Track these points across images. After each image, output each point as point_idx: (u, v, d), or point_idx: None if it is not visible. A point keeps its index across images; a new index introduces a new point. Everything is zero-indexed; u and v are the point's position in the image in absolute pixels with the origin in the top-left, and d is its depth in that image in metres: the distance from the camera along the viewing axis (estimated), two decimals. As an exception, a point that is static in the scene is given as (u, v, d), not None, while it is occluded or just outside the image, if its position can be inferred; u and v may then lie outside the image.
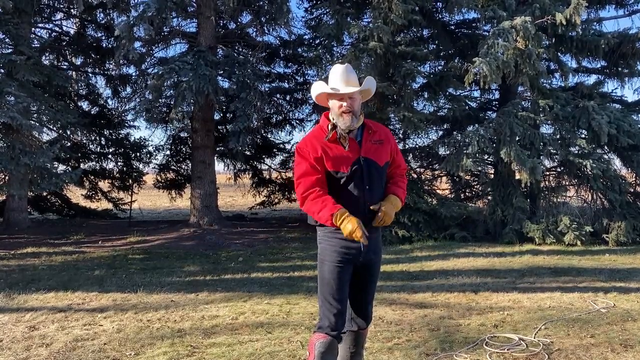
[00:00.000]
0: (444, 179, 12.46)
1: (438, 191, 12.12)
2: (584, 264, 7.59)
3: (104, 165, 14.82)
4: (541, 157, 9.79)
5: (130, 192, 14.57)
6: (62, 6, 13.04)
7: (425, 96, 11.17)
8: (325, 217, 2.66)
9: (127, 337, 4.24)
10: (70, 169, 12.74)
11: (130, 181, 14.73)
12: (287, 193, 15.39)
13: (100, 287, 6.12)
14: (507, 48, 8.89)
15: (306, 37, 13.39)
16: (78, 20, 13.18)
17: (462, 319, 4.74)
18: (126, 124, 14.51)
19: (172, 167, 15.41)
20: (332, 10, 10.71)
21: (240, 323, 4.64)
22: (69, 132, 12.53)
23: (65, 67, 13.50)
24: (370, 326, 3.16)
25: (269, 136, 14.96)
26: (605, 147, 10.08)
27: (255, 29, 13.01)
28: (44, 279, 6.62)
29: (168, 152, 15.17)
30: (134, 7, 11.43)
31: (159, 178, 15.39)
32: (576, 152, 9.82)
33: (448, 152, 10.38)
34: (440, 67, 12.07)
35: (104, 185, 15.29)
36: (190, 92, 9.89)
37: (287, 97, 14.26)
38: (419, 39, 11.38)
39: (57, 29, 13.48)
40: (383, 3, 9.50)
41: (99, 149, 14.57)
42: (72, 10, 12.44)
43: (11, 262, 7.90)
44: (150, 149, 14.84)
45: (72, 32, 13.55)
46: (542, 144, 9.75)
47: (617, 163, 10.36)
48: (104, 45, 13.33)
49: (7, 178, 11.14)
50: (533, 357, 3.78)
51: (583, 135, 9.95)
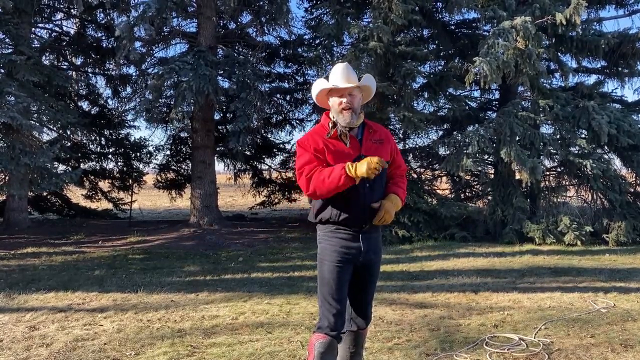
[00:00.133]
0: (444, 179, 12.47)
1: (438, 191, 12.13)
2: (584, 264, 7.59)
3: (104, 165, 14.84)
4: (541, 157, 9.80)
5: (130, 192, 14.58)
6: (62, 6, 13.04)
7: (426, 96, 11.18)
8: (338, 174, 2.59)
9: (127, 337, 4.24)
10: (70, 169, 12.74)
11: (131, 181, 14.75)
12: (287, 193, 15.40)
13: (101, 287, 6.12)
14: (507, 48, 8.89)
15: (306, 37, 13.42)
16: (78, 20, 13.18)
17: (462, 319, 4.74)
18: (126, 124, 14.52)
19: (172, 167, 15.43)
20: (332, 10, 10.71)
21: (241, 323, 4.64)
22: (69, 132, 12.53)
23: (65, 67, 13.51)
24: (370, 326, 3.16)
25: (269, 136, 14.99)
26: (606, 147, 10.09)
27: (255, 29, 13.03)
28: (44, 279, 6.62)
29: (168, 152, 15.20)
30: (134, 7, 11.44)
31: (159, 178, 15.42)
32: (576, 152, 9.83)
33: (448, 152, 10.39)
34: (440, 67, 12.08)
35: (104, 185, 15.30)
36: (191, 92, 9.89)
37: (287, 97, 14.27)
38: (419, 39, 11.39)
39: (57, 29, 13.50)
40: (383, 3, 9.51)
41: (99, 149, 14.58)
42: (72, 11, 12.44)
43: (11, 262, 7.91)
44: (151, 149, 14.89)
45: (72, 32, 13.56)
46: (542, 144, 9.76)
47: (617, 163, 10.37)
48: (104, 45, 13.34)
49: (7, 178, 11.14)
50: (533, 357, 3.78)
51: (583, 135, 9.95)
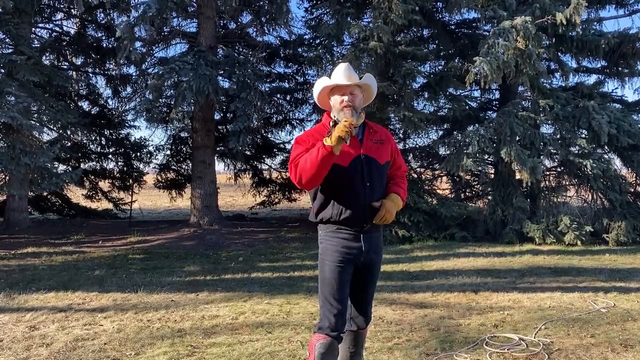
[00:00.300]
0: (444, 178, 12.47)
1: (438, 191, 12.13)
2: (584, 263, 7.59)
3: (105, 165, 14.83)
4: (541, 157, 9.80)
5: (130, 192, 14.58)
6: (62, 6, 13.04)
7: (426, 96, 11.18)
8: (316, 148, 2.58)
9: (127, 337, 4.24)
10: (70, 169, 12.74)
11: (131, 181, 14.74)
12: (287, 193, 15.40)
13: (101, 287, 6.12)
14: (508, 48, 8.89)
15: (306, 37, 13.42)
16: (78, 20, 13.18)
17: (462, 318, 4.75)
18: (126, 124, 14.52)
19: (173, 167, 15.43)
20: (332, 10, 10.71)
21: (241, 323, 4.64)
22: (69, 132, 12.53)
23: (65, 67, 13.51)
24: (370, 326, 3.16)
25: (269, 136, 14.98)
26: (606, 147, 10.09)
27: (255, 29, 13.03)
28: (44, 278, 6.62)
29: (168, 152, 15.20)
30: (134, 8, 11.44)
31: (159, 178, 15.42)
32: (576, 152, 9.83)
33: (448, 152, 10.39)
34: (440, 67, 12.09)
35: (104, 185, 15.30)
36: (191, 92, 9.89)
37: (287, 97, 14.27)
38: (419, 39, 11.39)
39: (57, 29, 13.50)
40: (383, 3, 9.51)
41: (99, 149, 14.58)
42: (73, 11, 12.44)
43: (11, 262, 7.91)
44: (151, 148, 14.88)
45: (73, 32, 13.56)
46: (542, 143, 9.76)
47: (617, 163, 10.38)
48: (104, 45, 13.34)
49: (7, 178, 11.14)
50: (533, 357, 3.78)
51: (583, 135, 9.95)
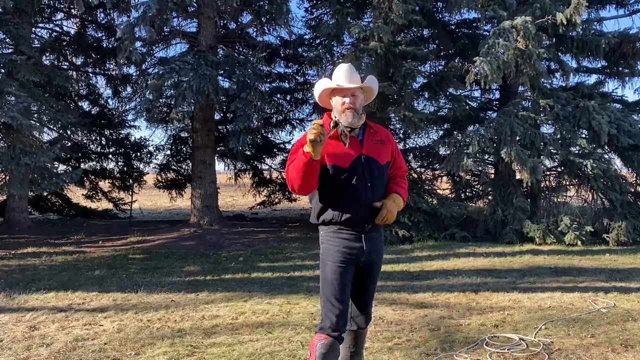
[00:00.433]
0: (445, 178, 12.46)
1: (438, 191, 12.14)
2: (584, 263, 7.59)
3: (105, 165, 14.83)
4: (542, 157, 9.79)
5: (130, 192, 14.57)
6: (62, 6, 13.03)
7: (426, 96, 11.19)
8: (299, 156, 2.59)
9: (127, 337, 4.24)
10: (70, 169, 12.73)
11: (131, 181, 14.74)
12: (287, 193, 15.39)
13: (101, 287, 6.12)
14: (508, 48, 8.89)
15: (306, 37, 13.43)
16: (78, 20, 13.17)
17: (463, 318, 4.74)
18: (127, 124, 14.52)
19: (173, 167, 15.44)
20: (332, 10, 10.71)
21: (241, 323, 4.64)
22: (69, 132, 12.53)
23: (65, 67, 13.49)
24: (370, 326, 3.16)
25: (270, 136, 14.98)
26: (606, 147, 10.08)
27: (255, 29, 13.02)
28: (44, 278, 6.62)
29: (168, 152, 15.21)
30: (135, 8, 11.43)
31: (159, 178, 15.43)
32: (577, 152, 9.82)
33: (448, 152, 10.39)
34: (440, 67, 12.10)
35: (104, 185, 15.30)
36: (191, 92, 9.89)
37: (288, 97, 14.27)
38: (420, 39, 11.39)
39: (57, 29, 13.49)
40: (383, 3, 9.50)
41: (99, 149, 14.58)
42: (73, 11, 12.43)
43: (12, 262, 7.91)
44: (151, 148, 14.89)
45: (73, 32, 13.55)
46: (542, 143, 9.75)
47: (617, 163, 10.37)
48: (105, 45, 13.33)
49: (7, 178, 11.13)
50: (533, 357, 3.78)
51: (583, 135, 9.95)
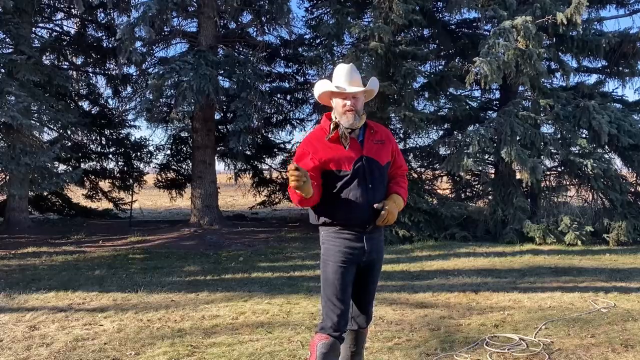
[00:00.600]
0: (445, 178, 12.46)
1: (439, 191, 12.14)
2: (584, 263, 7.59)
3: (105, 165, 14.83)
4: (542, 156, 9.79)
5: (130, 192, 14.57)
6: (62, 6, 13.04)
7: (426, 96, 11.19)
8: (292, 193, 2.64)
9: (127, 337, 4.24)
10: (70, 169, 12.73)
11: (131, 181, 14.75)
12: (287, 193, 15.37)
13: (101, 287, 6.12)
14: (508, 48, 8.88)
15: (307, 36, 13.43)
16: (78, 20, 13.17)
17: (463, 318, 4.74)
18: (127, 124, 14.52)
19: (173, 167, 15.44)
20: (332, 10, 10.71)
21: (241, 323, 4.64)
22: (69, 132, 12.53)
23: (65, 66, 13.49)
24: (370, 326, 3.16)
25: (270, 136, 14.98)
26: (606, 147, 10.08)
27: (255, 29, 13.01)
28: (44, 278, 6.62)
29: (168, 152, 15.21)
30: (135, 7, 11.43)
31: (159, 178, 15.44)
32: (577, 151, 9.82)
33: (449, 152, 10.39)
34: (440, 67, 12.10)
35: (104, 185, 15.30)
36: (191, 92, 9.88)
37: (288, 97, 14.27)
38: (420, 39, 11.39)
39: (57, 28, 13.48)
40: (383, 3, 9.50)
41: (99, 148, 14.58)
42: (73, 10, 12.43)
43: (12, 261, 7.91)
44: (151, 148, 14.89)
45: (73, 31, 13.56)
46: (542, 143, 9.75)
47: (617, 163, 10.37)
48: (105, 45, 13.34)
49: (7, 178, 11.14)
50: (533, 357, 3.77)
51: (584, 135, 9.95)
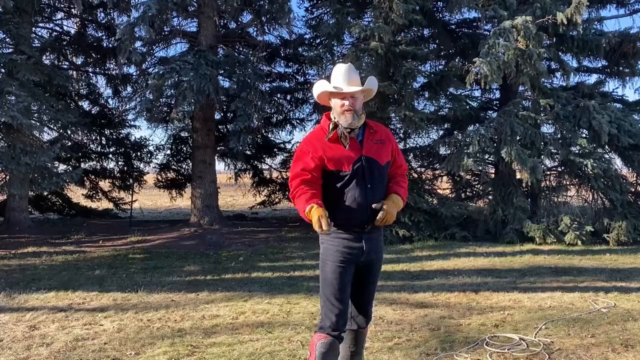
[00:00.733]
0: (445, 178, 12.46)
1: (439, 191, 12.13)
2: (584, 263, 7.59)
3: (105, 164, 14.84)
4: (542, 156, 9.79)
5: (130, 192, 14.57)
6: (62, 6, 13.04)
7: (426, 96, 11.18)
8: (302, 208, 2.67)
9: (127, 337, 4.24)
10: (70, 169, 12.74)
11: (131, 181, 14.75)
12: (287, 193, 15.38)
13: (101, 287, 6.12)
14: (508, 48, 8.88)
15: (307, 36, 13.43)
16: (79, 19, 13.17)
17: (463, 318, 4.74)
18: (127, 124, 14.53)
19: (173, 167, 15.45)
20: (332, 10, 10.71)
21: (241, 323, 4.64)
22: (69, 132, 12.53)
23: (65, 66, 13.49)
24: (370, 326, 3.16)
25: (270, 136, 14.99)
26: (606, 147, 10.08)
27: (255, 29, 13.01)
28: (44, 278, 6.62)
29: (169, 152, 15.22)
30: (135, 7, 11.43)
31: (159, 178, 15.45)
32: (577, 151, 9.81)
33: (449, 152, 10.39)
34: (441, 67, 12.09)
35: (104, 184, 15.30)
36: (191, 92, 9.89)
37: (288, 97, 14.26)
38: (420, 39, 11.38)
39: (57, 28, 13.48)
40: (384, 2, 9.49)
41: (99, 148, 14.59)
42: (73, 10, 12.42)
43: (12, 261, 7.91)
44: (151, 148, 14.90)
45: (73, 31, 13.55)
46: (542, 143, 9.75)
47: (618, 163, 10.37)
48: (105, 45, 13.33)
49: (7, 178, 11.14)
50: (534, 356, 3.77)
51: (584, 135, 9.95)
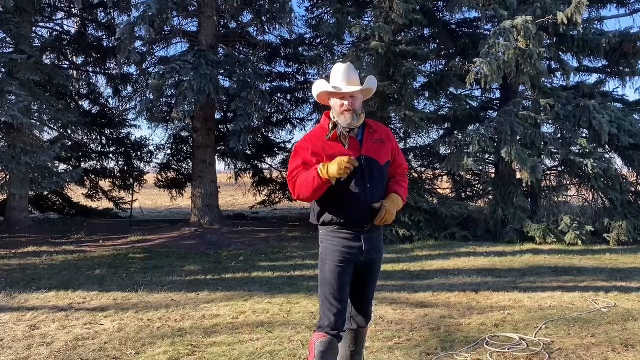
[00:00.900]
0: (445, 178, 12.46)
1: (439, 190, 12.13)
2: (584, 263, 7.59)
3: (105, 164, 14.86)
4: (542, 156, 9.79)
5: (131, 192, 14.59)
6: (63, 5, 13.04)
7: (426, 95, 11.19)
8: (312, 176, 2.63)
9: (127, 336, 4.24)
10: (71, 168, 12.75)
11: (131, 180, 14.76)
12: (287, 192, 15.38)
13: (101, 287, 6.12)
14: (508, 48, 8.88)
15: (307, 36, 13.43)
16: (79, 19, 13.18)
17: (463, 318, 4.74)
18: (127, 124, 14.55)
19: (173, 167, 15.46)
20: (333, 10, 10.71)
21: (241, 322, 4.64)
22: (70, 132, 12.53)
23: (66, 66, 13.49)
24: (370, 325, 3.16)
25: (270, 135, 15.00)
26: (606, 147, 10.08)
27: (256, 28, 13.01)
28: (44, 278, 6.63)
29: (169, 152, 15.24)
30: (135, 7, 11.43)
31: (159, 177, 15.46)
32: (577, 151, 9.82)
33: (449, 152, 10.39)
34: (441, 67, 12.10)
35: (104, 184, 15.32)
36: (192, 92, 9.89)
37: (288, 97, 14.29)
38: (420, 38, 11.39)
39: (58, 28, 13.49)
40: (384, 2, 9.49)
41: (99, 148, 14.60)
42: (73, 10, 12.44)
43: (12, 261, 7.91)
44: (151, 148, 14.92)
45: (73, 31, 13.56)
46: (543, 143, 9.75)
47: (618, 162, 10.37)
48: (105, 45, 13.34)
49: (8, 177, 11.14)
50: (534, 356, 3.78)
51: (584, 135, 9.95)
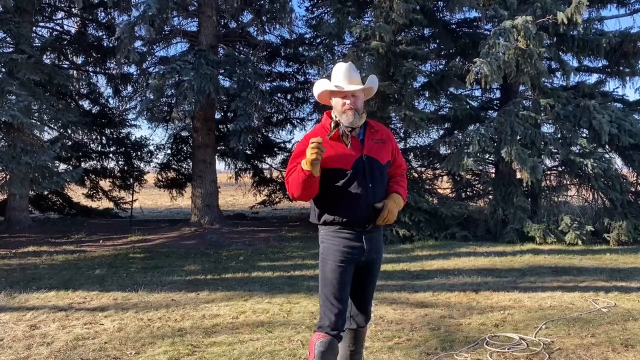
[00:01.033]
0: (445, 178, 12.46)
1: (439, 190, 12.13)
2: (585, 263, 7.59)
3: (105, 164, 14.86)
4: (542, 156, 9.79)
5: (131, 191, 14.59)
6: (63, 5, 13.05)
7: (427, 95, 11.19)
8: (297, 172, 2.68)
9: (127, 336, 4.24)
10: (71, 168, 12.76)
11: (131, 180, 14.76)
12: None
13: (101, 286, 6.12)
14: (508, 48, 8.88)
15: (307, 36, 13.43)
16: (79, 19, 13.19)
17: (463, 318, 4.74)
18: (127, 123, 14.56)
19: (173, 166, 15.46)
20: (333, 9, 10.71)
21: (241, 322, 4.64)
22: (70, 131, 12.53)
23: (66, 66, 13.49)
24: (370, 325, 3.16)
25: (270, 135, 15.01)
26: (607, 147, 10.08)
27: (256, 28, 13.02)
28: (44, 278, 6.63)
29: (169, 151, 15.24)
30: (135, 7, 11.43)
31: (159, 177, 15.46)
32: (577, 151, 9.82)
33: (449, 152, 10.39)
34: (441, 66, 12.10)
35: (105, 184, 15.32)
36: (192, 92, 9.89)
37: (288, 96, 14.29)
38: (420, 38, 11.39)
39: (58, 27, 13.49)
40: (384, 2, 9.49)
41: (100, 148, 14.60)
42: (73, 9, 12.45)
43: (12, 261, 7.91)
44: (151, 148, 14.94)
45: (73, 31, 13.57)
46: (543, 143, 9.75)
47: (618, 162, 10.38)
48: (105, 44, 13.34)
49: (8, 177, 11.14)
50: (534, 356, 3.78)
51: (584, 135, 9.95)
